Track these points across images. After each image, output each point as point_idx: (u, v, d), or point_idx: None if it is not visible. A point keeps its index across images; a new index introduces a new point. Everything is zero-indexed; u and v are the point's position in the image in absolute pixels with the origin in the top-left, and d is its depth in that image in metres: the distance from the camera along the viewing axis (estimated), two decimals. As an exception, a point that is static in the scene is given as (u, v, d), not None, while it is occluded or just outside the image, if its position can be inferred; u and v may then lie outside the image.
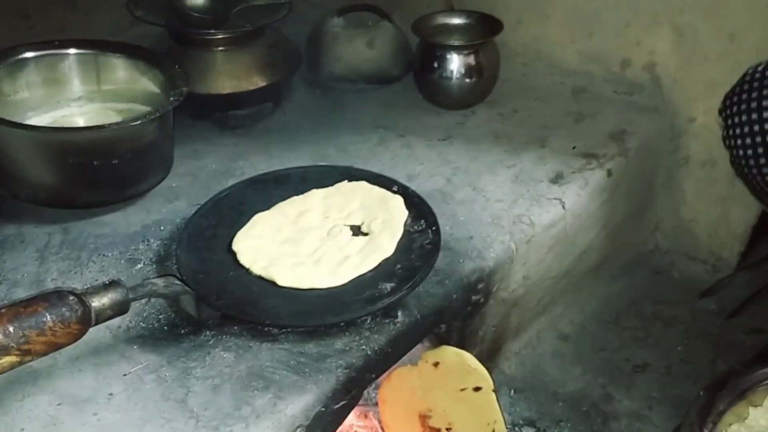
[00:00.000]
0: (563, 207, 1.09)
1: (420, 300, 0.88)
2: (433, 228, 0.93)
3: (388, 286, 0.85)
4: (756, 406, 0.96)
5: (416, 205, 0.98)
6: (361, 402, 1.11)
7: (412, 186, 1.05)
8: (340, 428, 1.08)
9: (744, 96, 0.91)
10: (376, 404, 1.08)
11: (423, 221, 0.95)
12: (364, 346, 0.81)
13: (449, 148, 1.20)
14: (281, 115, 1.29)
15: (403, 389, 1.04)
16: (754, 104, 0.89)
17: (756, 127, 0.90)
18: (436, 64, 1.28)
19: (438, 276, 0.91)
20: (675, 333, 1.22)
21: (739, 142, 0.92)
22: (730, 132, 0.92)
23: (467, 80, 1.27)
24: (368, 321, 0.84)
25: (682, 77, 1.25)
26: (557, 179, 1.13)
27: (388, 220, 0.95)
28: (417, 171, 1.14)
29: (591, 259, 1.25)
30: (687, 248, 1.35)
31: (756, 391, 0.97)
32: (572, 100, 1.33)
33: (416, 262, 0.88)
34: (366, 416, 1.12)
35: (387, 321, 0.84)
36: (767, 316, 1.23)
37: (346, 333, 0.82)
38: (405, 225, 0.95)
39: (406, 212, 0.96)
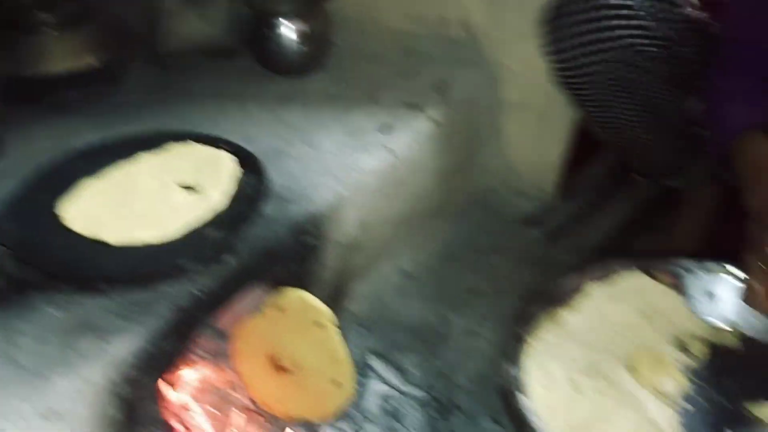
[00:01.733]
0: (392, 154, 1.20)
1: (249, 244, 0.95)
2: (262, 179, 1.01)
3: (216, 233, 0.91)
4: (570, 311, 1.10)
5: (246, 159, 1.05)
6: (216, 356, 1.18)
7: (250, 147, 1.12)
8: (199, 386, 1.15)
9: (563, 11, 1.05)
10: (231, 357, 1.15)
11: (252, 174, 1.02)
12: (192, 290, 0.87)
13: (287, 111, 1.28)
14: (120, 94, 1.32)
15: (253, 337, 1.10)
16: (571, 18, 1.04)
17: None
18: (270, 33, 1.35)
19: (268, 222, 0.99)
20: (506, 260, 1.35)
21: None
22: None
23: (301, 47, 1.35)
24: (196, 267, 0.90)
25: (494, 29, 1.38)
26: (385, 129, 1.23)
27: (218, 177, 1.02)
28: (255, 133, 1.21)
29: (428, 202, 1.36)
30: (515, 185, 1.49)
31: (568, 297, 1.12)
32: (402, 59, 1.44)
33: (244, 211, 0.96)
34: (222, 369, 1.18)
35: (215, 265, 0.91)
36: (584, 237, 1.39)
37: (176, 280, 0.88)
38: (235, 180, 1.02)
39: (237, 168, 1.03)
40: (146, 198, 0.98)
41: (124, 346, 0.81)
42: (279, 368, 1.08)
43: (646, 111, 1.14)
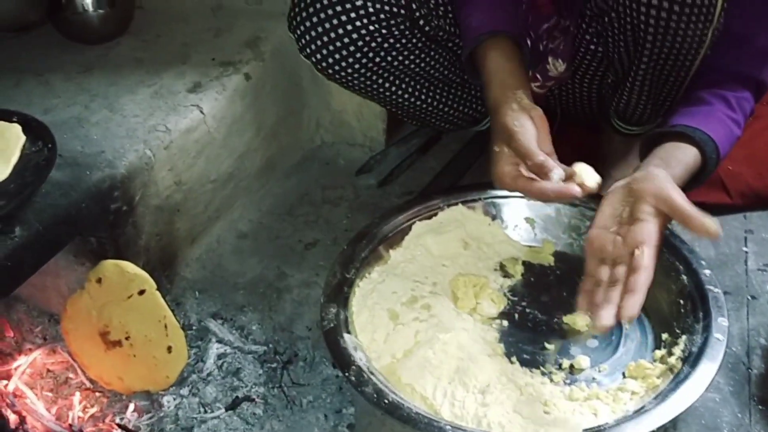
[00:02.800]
0: (201, 112, 1.16)
1: (41, 213, 0.90)
2: (49, 146, 0.96)
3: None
4: (395, 248, 1.13)
5: (35, 129, 0.99)
6: (48, 339, 1.13)
7: (48, 118, 1.06)
8: (33, 372, 1.10)
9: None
10: (63, 338, 1.10)
11: (40, 142, 0.97)
12: (-23, 263, 0.82)
13: (89, 79, 1.22)
14: None
15: (79, 315, 1.07)
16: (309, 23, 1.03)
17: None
18: (67, 1, 1.28)
19: (62, 189, 0.95)
20: (340, 210, 1.36)
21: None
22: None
23: (100, 11, 1.29)
24: (-21, 240, 0.85)
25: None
26: (195, 88, 1.20)
27: (4, 149, 0.95)
28: (54, 104, 1.15)
29: (256, 161, 1.34)
30: (345, 137, 1.50)
31: (393, 236, 1.14)
32: (212, 17, 1.40)
33: (29, 179, 0.91)
34: (55, 351, 1.13)
35: (2, 237, 0.85)
36: (414, 179, 1.42)
37: (-43, 255, 0.83)
38: (22, 149, 0.96)
39: (24, 137, 0.97)
40: None
41: None
42: (111, 343, 1.05)
43: (417, 83, 1.15)
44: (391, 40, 1.05)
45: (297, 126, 1.45)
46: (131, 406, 1.03)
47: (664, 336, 0.96)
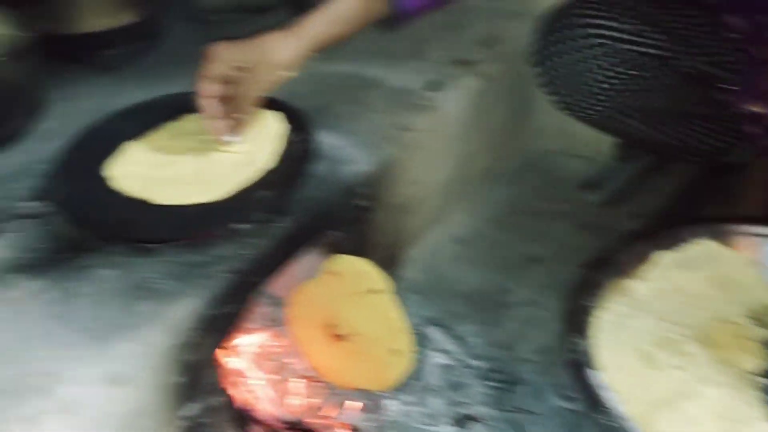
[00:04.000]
0: (441, 112, 1.13)
1: (301, 205, 0.90)
2: (310, 137, 0.95)
3: (267, 193, 0.87)
4: (636, 279, 1.04)
5: (295, 118, 1.00)
6: (272, 322, 1.14)
7: (295, 105, 1.06)
8: (259, 351, 1.11)
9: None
10: (287, 323, 1.11)
11: (301, 132, 0.97)
12: (246, 252, 0.83)
13: (331, 68, 1.21)
14: (158, 52, 1.27)
15: (308, 304, 1.07)
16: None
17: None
18: (313, -12, 1.28)
19: (319, 182, 0.94)
20: (562, 226, 1.29)
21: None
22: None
23: (344, 1, 1.28)
24: (249, 229, 0.85)
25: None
26: (434, 87, 1.17)
27: (267, 134, 0.96)
28: (299, 90, 1.12)
29: (480, 163, 1.30)
30: (570, 147, 1.41)
31: (634, 265, 1.05)
32: (448, 12, 1.35)
33: (294, 170, 0.91)
34: (279, 336, 1.15)
35: (268, 227, 0.86)
36: (646, 201, 1.31)
37: (228, 241, 0.84)
38: (285, 137, 0.96)
39: (286, 125, 0.98)
40: (192, 159, 0.94)
41: (182, 310, 0.78)
42: (336, 336, 1.04)
43: (665, 119, 1.08)
44: (641, 81, 0.98)
45: (521, 131, 1.39)
46: (354, 404, 1.02)
47: None
